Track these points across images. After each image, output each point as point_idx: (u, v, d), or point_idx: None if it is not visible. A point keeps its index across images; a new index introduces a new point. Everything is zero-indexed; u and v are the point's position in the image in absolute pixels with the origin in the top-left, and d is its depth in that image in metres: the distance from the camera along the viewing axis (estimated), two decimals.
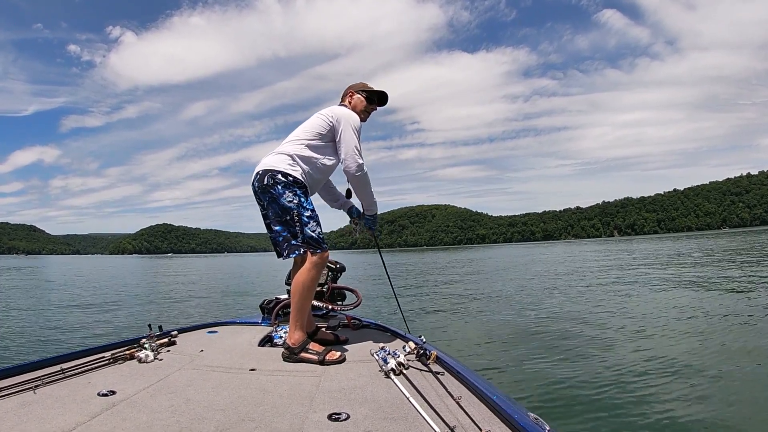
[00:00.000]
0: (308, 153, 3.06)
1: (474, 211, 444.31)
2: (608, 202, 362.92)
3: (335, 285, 4.07)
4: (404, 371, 2.39)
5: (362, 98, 3.34)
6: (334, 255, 4.33)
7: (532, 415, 1.88)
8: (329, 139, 3.09)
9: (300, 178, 3.00)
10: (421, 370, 2.46)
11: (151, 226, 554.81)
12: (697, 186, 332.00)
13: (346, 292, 4.09)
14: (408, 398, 2.02)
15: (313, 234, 2.94)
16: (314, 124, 3.11)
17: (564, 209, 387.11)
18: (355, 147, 3.03)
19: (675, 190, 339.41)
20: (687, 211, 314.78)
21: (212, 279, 30.27)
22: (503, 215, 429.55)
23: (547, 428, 1.79)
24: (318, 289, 4.06)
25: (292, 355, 2.80)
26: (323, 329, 3.27)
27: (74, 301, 17.67)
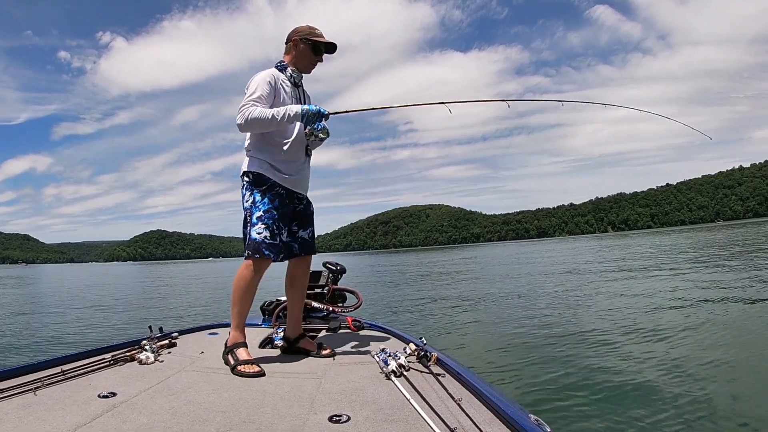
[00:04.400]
0: (258, 135, 2.92)
1: (468, 210, 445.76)
2: (602, 198, 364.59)
3: (336, 286, 4.08)
4: (405, 373, 2.38)
5: (309, 49, 3.03)
6: (329, 257, 4.34)
7: (533, 417, 1.88)
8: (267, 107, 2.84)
9: (261, 171, 2.87)
10: (421, 371, 2.45)
11: (145, 232, 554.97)
12: (690, 180, 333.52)
13: (347, 293, 4.10)
14: (409, 400, 2.02)
15: (256, 237, 2.79)
16: None
17: (558, 206, 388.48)
18: (240, 106, 2.77)
19: (668, 184, 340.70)
20: (680, 205, 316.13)
21: (213, 281, 30.25)
22: (497, 213, 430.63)
23: (548, 430, 1.80)
24: (318, 290, 4.07)
25: (224, 353, 2.78)
26: (309, 338, 3.15)
27: (74, 304, 17.69)
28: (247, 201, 2.88)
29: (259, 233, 2.79)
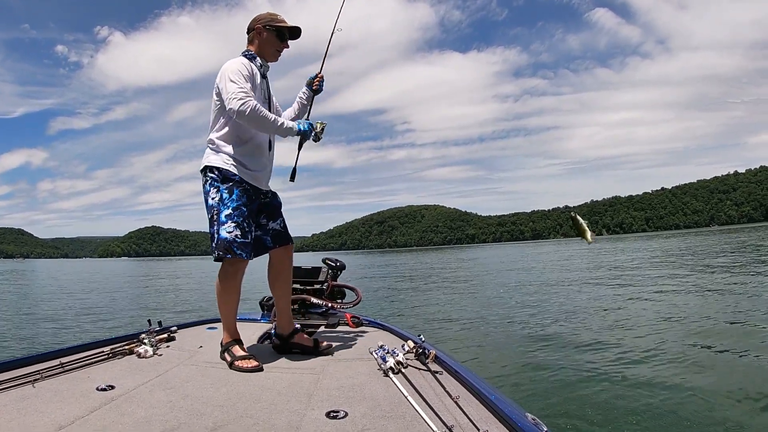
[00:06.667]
0: (224, 130, 2.84)
1: (463, 211, 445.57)
2: (597, 201, 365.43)
3: (335, 283, 4.08)
4: (403, 370, 2.39)
5: (273, 36, 2.95)
6: (325, 256, 4.34)
7: (530, 415, 1.88)
8: None
9: (224, 166, 2.79)
10: (419, 369, 2.46)
11: (139, 228, 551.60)
12: (685, 184, 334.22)
13: (346, 290, 4.10)
14: (406, 397, 2.03)
15: (227, 236, 2.71)
16: (214, 96, 2.86)
17: (553, 208, 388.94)
18: (233, 92, 2.67)
19: (663, 188, 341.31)
20: (675, 210, 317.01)
21: (210, 278, 30.22)
22: (492, 215, 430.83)
23: (545, 429, 1.80)
24: (317, 286, 4.06)
25: (221, 353, 2.77)
26: (305, 334, 3.11)
27: (73, 297, 17.69)
28: (213, 198, 2.79)
29: (229, 232, 2.71)
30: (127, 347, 2.82)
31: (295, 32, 3.02)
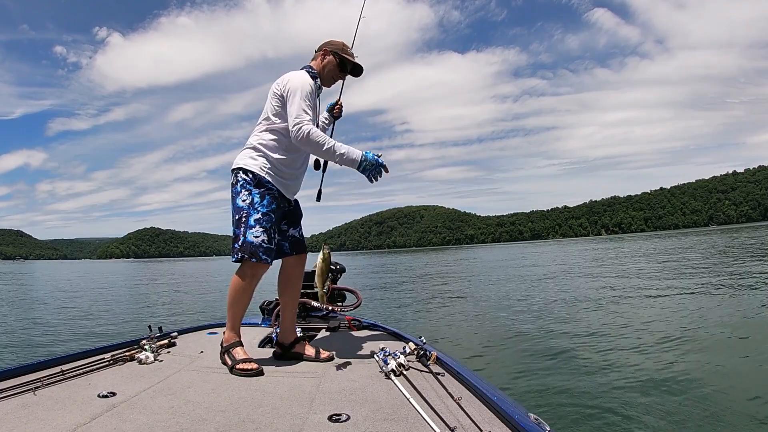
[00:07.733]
0: (271, 136, 2.84)
1: (462, 211, 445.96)
2: (596, 201, 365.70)
3: (335, 286, 4.07)
4: (404, 372, 2.38)
5: (335, 62, 3.02)
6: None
7: (532, 415, 1.88)
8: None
9: (261, 173, 2.79)
10: (421, 371, 2.45)
11: (138, 230, 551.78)
12: (684, 184, 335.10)
13: (347, 293, 4.09)
14: (408, 399, 2.02)
15: (254, 240, 2.72)
16: (271, 100, 2.86)
17: (552, 209, 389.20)
18: (298, 113, 2.68)
19: (662, 188, 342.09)
20: (674, 209, 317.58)
21: (210, 281, 30.21)
22: (491, 215, 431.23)
23: (548, 429, 1.80)
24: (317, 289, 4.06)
25: (221, 354, 2.76)
26: (307, 343, 3.03)
27: (73, 303, 17.65)
28: (244, 200, 2.79)
29: (256, 236, 2.73)
30: (127, 353, 2.80)
31: (357, 69, 3.11)
